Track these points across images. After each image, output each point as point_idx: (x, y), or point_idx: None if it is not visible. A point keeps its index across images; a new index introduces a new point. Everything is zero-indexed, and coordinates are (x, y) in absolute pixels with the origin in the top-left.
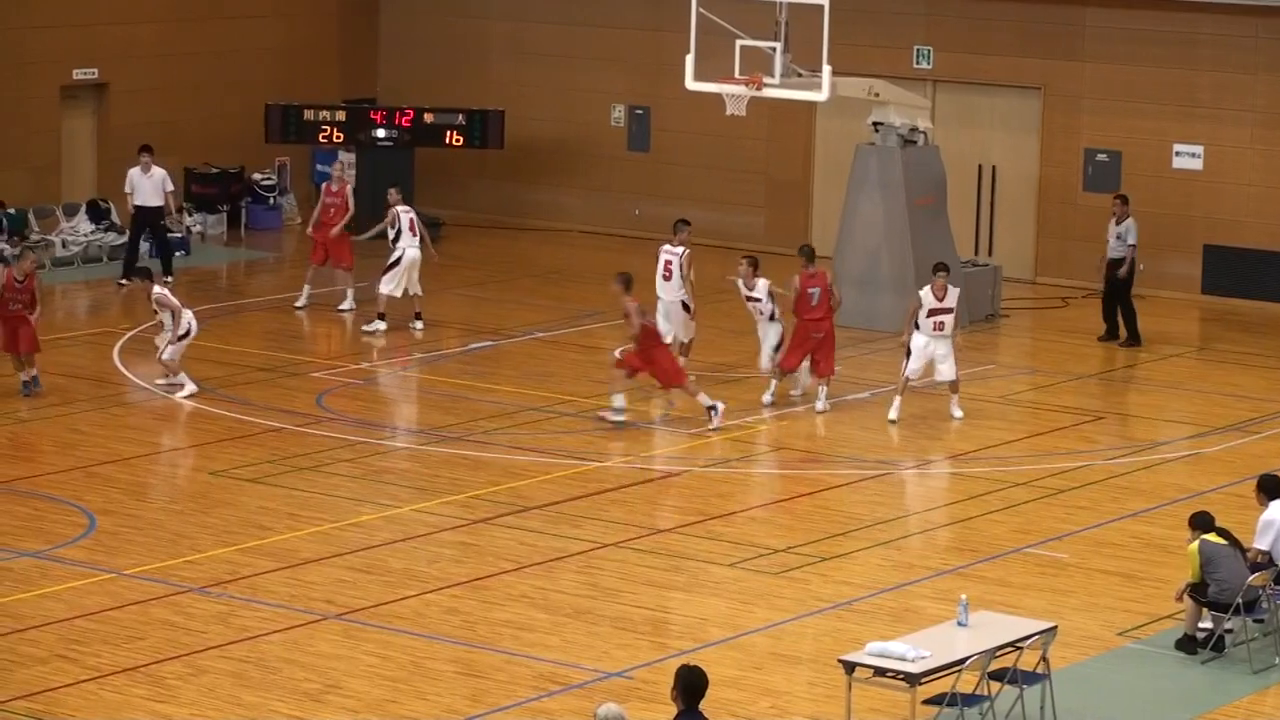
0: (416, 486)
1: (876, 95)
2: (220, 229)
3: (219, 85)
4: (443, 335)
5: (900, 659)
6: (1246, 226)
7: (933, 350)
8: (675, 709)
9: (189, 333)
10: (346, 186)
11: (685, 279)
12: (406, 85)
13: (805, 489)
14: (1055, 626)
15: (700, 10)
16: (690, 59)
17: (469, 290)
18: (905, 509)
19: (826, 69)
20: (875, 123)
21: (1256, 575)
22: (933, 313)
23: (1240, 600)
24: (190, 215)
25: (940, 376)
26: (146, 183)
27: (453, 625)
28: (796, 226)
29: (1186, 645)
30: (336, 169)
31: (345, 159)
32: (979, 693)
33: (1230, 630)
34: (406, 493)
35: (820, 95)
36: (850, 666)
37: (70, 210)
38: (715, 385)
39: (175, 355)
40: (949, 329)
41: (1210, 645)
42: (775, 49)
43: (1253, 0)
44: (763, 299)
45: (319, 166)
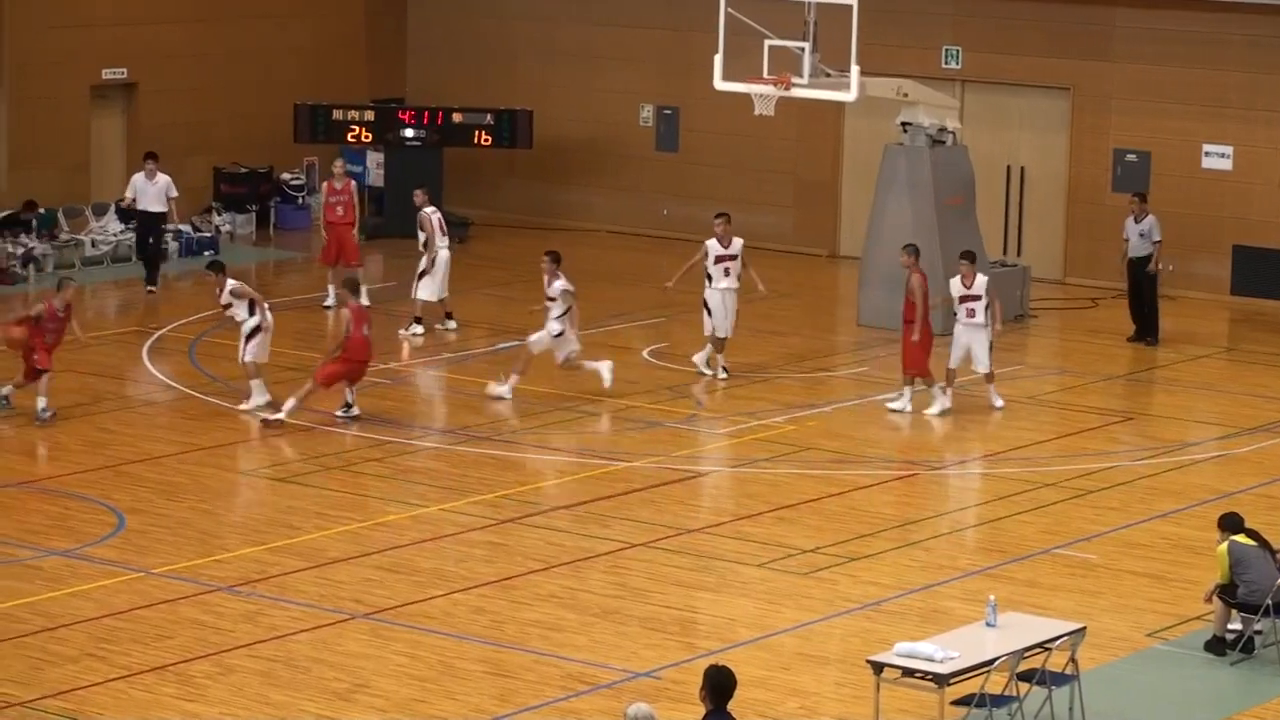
0: (445, 486)
1: (905, 95)
2: (249, 228)
3: (248, 85)
4: (470, 335)
5: (929, 660)
6: (1276, 227)
7: (968, 340)
8: (703, 709)
9: (263, 327)
10: (351, 183)
11: (747, 269)
12: (435, 85)
13: (834, 489)
14: (1084, 627)
15: (729, 10)
16: (719, 59)
17: (496, 290)
18: (934, 509)
19: (855, 69)
20: (904, 123)
21: None
22: (962, 299)
23: (1270, 601)
24: (219, 215)
25: (975, 366)
26: (150, 189)
27: (481, 625)
28: (825, 227)
29: (1215, 646)
30: (339, 166)
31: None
32: (1007, 694)
33: (1260, 631)
34: (435, 492)
35: (849, 95)
36: (879, 667)
37: (99, 210)
38: (749, 386)
39: (258, 354)
40: (980, 316)
41: (1239, 646)
42: (804, 49)
43: None
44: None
45: (348, 166)
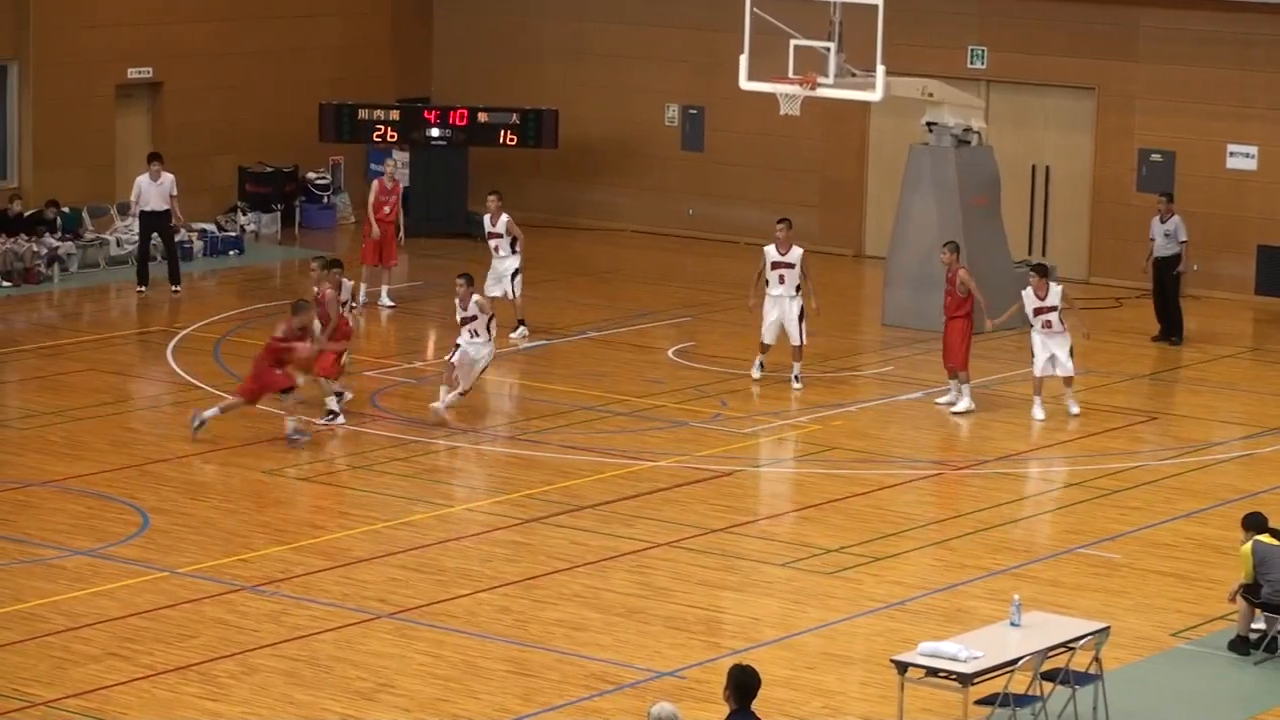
0: (469, 485)
1: (930, 95)
2: (274, 228)
3: (273, 84)
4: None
5: (953, 659)
6: None
7: (1052, 348)
8: (728, 708)
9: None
10: (400, 185)
11: (807, 279)
12: (461, 84)
13: (858, 489)
14: (1108, 627)
15: (755, 10)
16: (744, 59)
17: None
18: (958, 509)
19: (880, 69)
20: (929, 123)
21: None
22: (1037, 312)
23: None
24: (245, 214)
25: (1057, 370)
26: (154, 190)
27: (505, 624)
28: (851, 227)
29: (1239, 646)
30: (389, 166)
31: (399, 158)
32: (1031, 693)
33: None
34: (459, 492)
35: (874, 95)
36: (903, 667)
37: (124, 209)
38: (774, 385)
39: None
40: (1057, 326)
41: (1263, 646)
42: (829, 49)
43: None
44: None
45: (373, 166)
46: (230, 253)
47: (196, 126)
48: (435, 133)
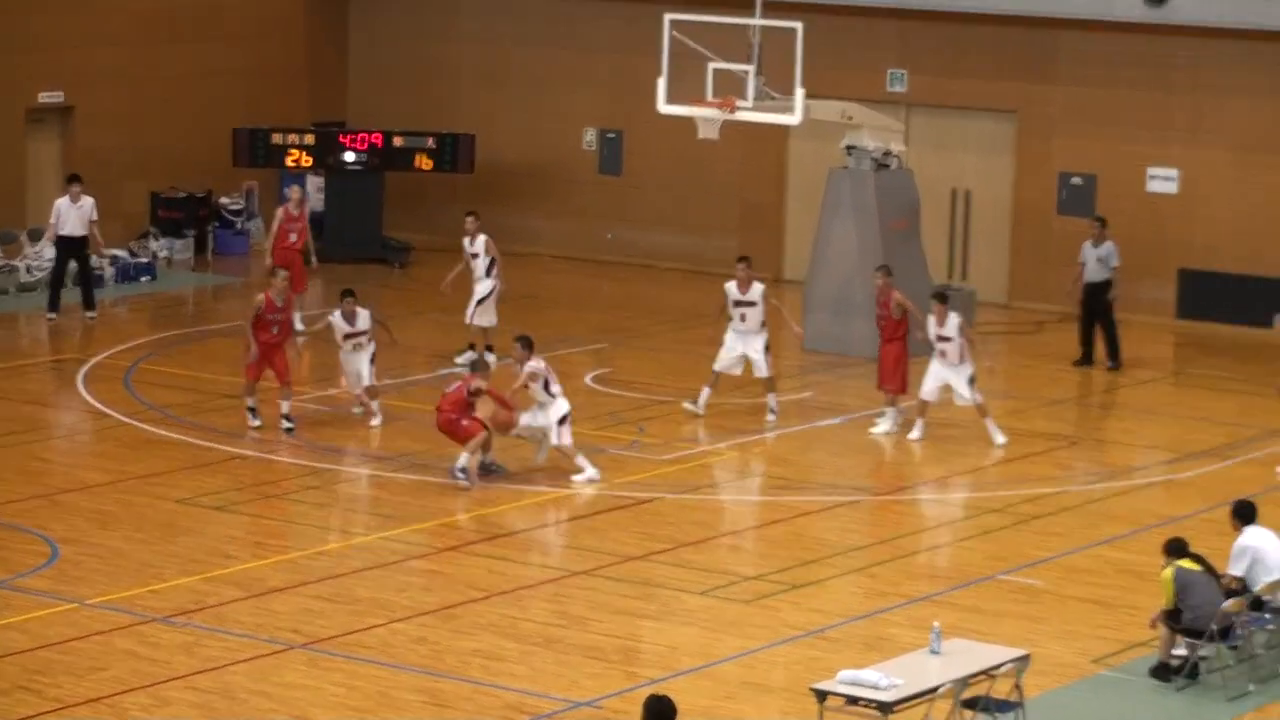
0: (384, 514)
1: (850, 118)
2: (187, 254)
3: (186, 108)
4: (412, 361)
5: (873, 687)
6: (1221, 250)
7: (945, 377)
8: None
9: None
10: (307, 211)
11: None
12: (376, 108)
13: (778, 516)
14: (1029, 654)
15: (673, 33)
16: (662, 82)
17: (439, 316)
18: (878, 535)
19: (799, 92)
20: (848, 146)
21: (1231, 602)
22: (938, 339)
23: (1215, 627)
24: (157, 240)
25: (958, 401)
26: (74, 213)
27: (420, 654)
28: (770, 251)
29: (1161, 673)
30: (295, 192)
31: (313, 182)
32: None
33: (1205, 657)
34: (374, 520)
35: (793, 118)
36: (822, 695)
37: (35, 235)
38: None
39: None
40: (952, 356)
41: (1185, 672)
42: (748, 72)
43: (1227, 24)
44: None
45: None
46: (142, 279)
47: (108, 151)
48: (350, 157)
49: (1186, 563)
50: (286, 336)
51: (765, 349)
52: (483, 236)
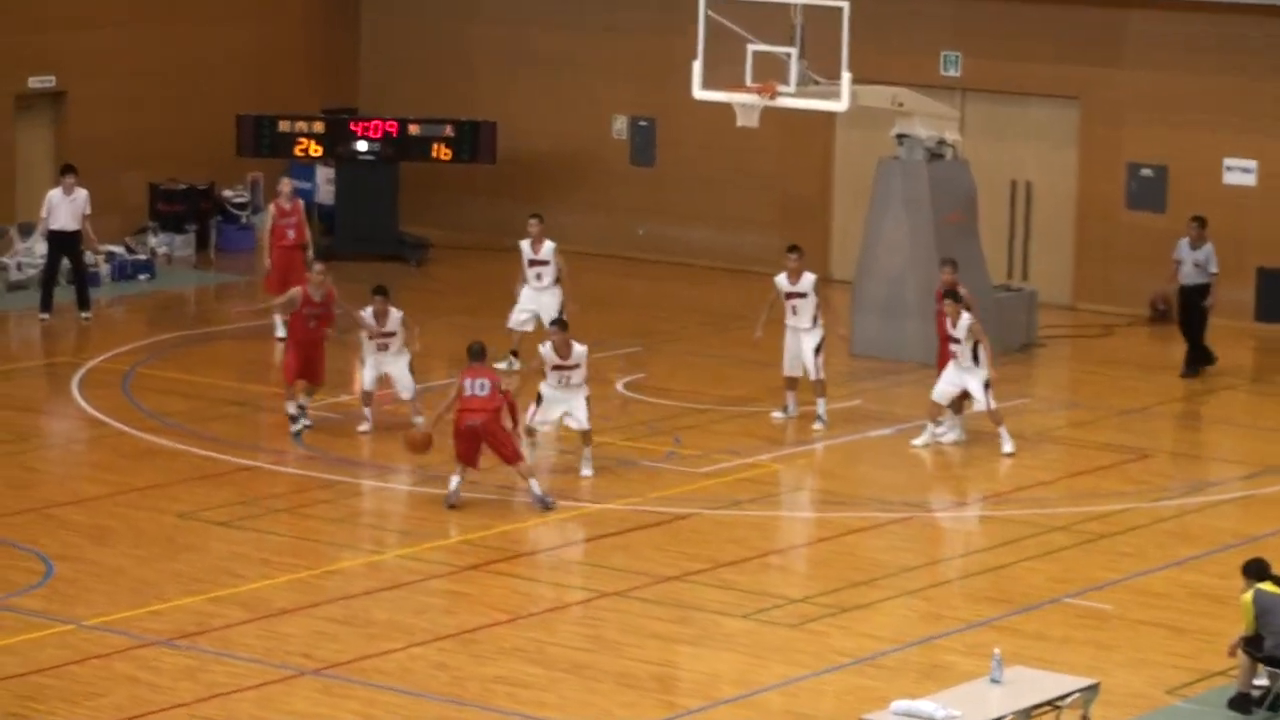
0: (401, 530)
1: (900, 105)
2: (188, 250)
3: (187, 94)
4: (431, 366)
5: (929, 719)
6: None
7: (961, 381)
8: None
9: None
10: (300, 203)
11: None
12: (390, 94)
13: (825, 533)
14: (1097, 684)
15: (709, 13)
16: (698, 66)
17: (458, 318)
18: (934, 555)
19: (846, 76)
20: (899, 135)
21: None
22: (950, 340)
23: None
24: (156, 235)
25: (975, 406)
26: (67, 206)
27: (441, 681)
28: (814, 247)
29: (1240, 704)
30: (285, 184)
31: (324, 173)
32: None
33: None
34: (391, 537)
35: (839, 105)
36: None
37: (26, 231)
38: (732, 421)
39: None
40: (964, 358)
41: (1267, 704)
42: (790, 54)
43: None
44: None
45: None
46: (140, 277)
47: (103, 140)
48: (363, 146)
49: (1268, 585)
50: (324, 332)
51: (816, 350)
52: (550, 243)
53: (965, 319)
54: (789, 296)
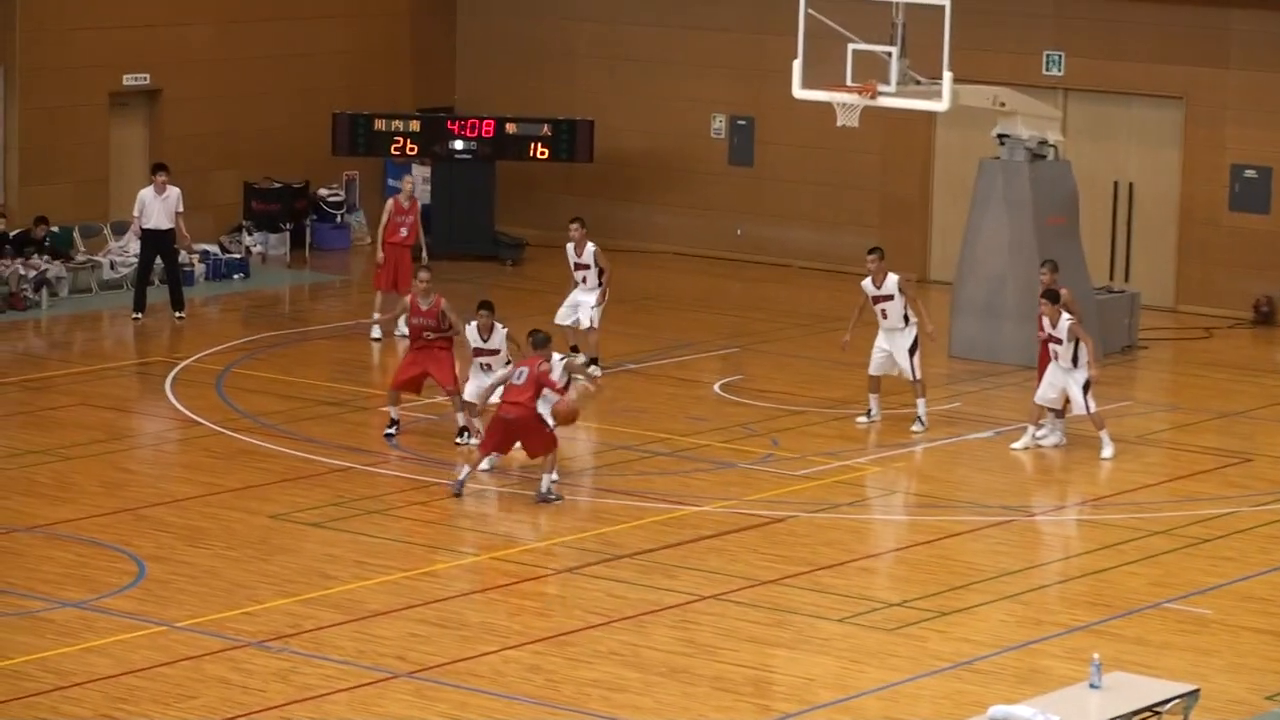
0: (496, 532)
1: (1002, 105)
2: (282, 249)
3: (281, 92)
4: None
5: None
6: None
7: (1062, 381)
8: None
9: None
10: (418, 204)
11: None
12: (487, 93)
13: (922, 537)
14: (1198, 689)
15: (809, 11)
16: (798, 65)
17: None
18: (1032, 559)
19: (947, 76)
20: (1001, 135)
21: None
22: (1048, 340)
23: None
24: (250, 234)
25: (1074, 409)
26: (159, 204)
27: (535, 685)
28: (913, 248)
29: None
30: (407, 183)
31: (418, 173)
32: None
33: None
34: (485, 539)
35: (940, 105)
36: None
37: (119, 229)
38: (830, 424)
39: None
40: (1066, 360)
41: None
42: (891, 54)
43: None
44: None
45: (391, 181)
46: (235, 276)
47: (198, 138)
48: (459, 145)
49: None
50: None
51: (910, 350)
52: (592, 245)
53: (1065, 319)
54: (876, 300)
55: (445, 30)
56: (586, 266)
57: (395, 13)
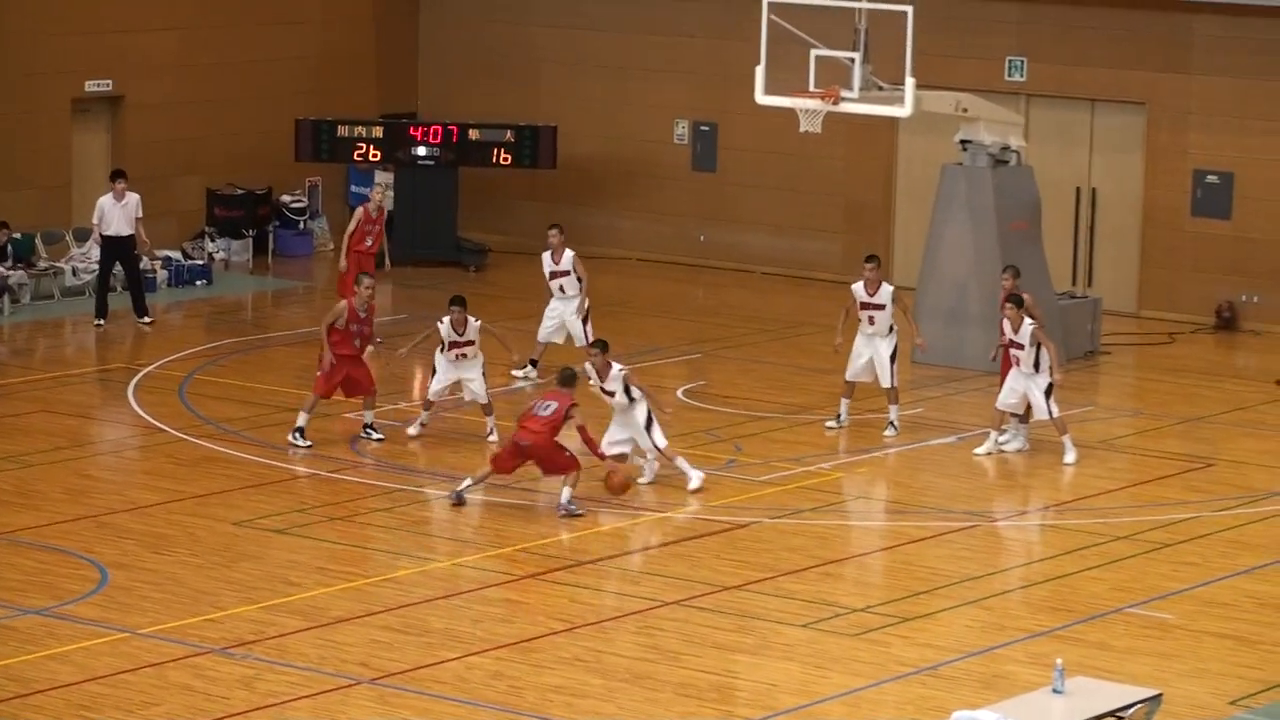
0: (459, 538)
1: (964, 111)
2: (245, 255)
3: (244, 98)
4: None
5: None
6: None
7: (1024, 387)
8: None
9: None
10: (385, 215)
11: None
12: (449, 99)
13: (885, 542)
14: (1160, 695)
15: (772, 17)
16: (760, 70)
17: (516, 323)
18: (995, 564)
19: (910, 82)
20: (963, 141)
21: None
22: (1010, 345)
23: None
24: (213, 241)
25: (1036, 415)
26: (119, 211)
27: (498, 691)
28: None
29: None
30: (376, 194)
31: (383, 180)
32: None
33: None
34: (448, 545)
35: (903, 110)
36: None
37: (81, 235)
38: (793, 429)
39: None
40: (1025, 364)
41: None
42: (854, 60)
43: None
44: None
45: (354, 188)
46: (197, 283)
47: (160, 144)
48: (422, 151)
49: None
50: (366, 349)
51: (891, 357)
52: (570, 252)
53: (1028, 325)
54: (864, 307)
55: (408, 36)
56: (565, 273)
57: (358, 19)
